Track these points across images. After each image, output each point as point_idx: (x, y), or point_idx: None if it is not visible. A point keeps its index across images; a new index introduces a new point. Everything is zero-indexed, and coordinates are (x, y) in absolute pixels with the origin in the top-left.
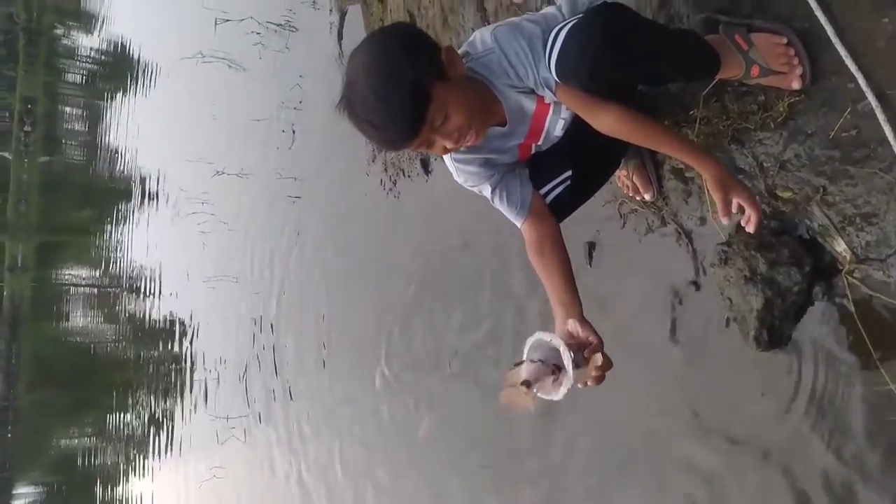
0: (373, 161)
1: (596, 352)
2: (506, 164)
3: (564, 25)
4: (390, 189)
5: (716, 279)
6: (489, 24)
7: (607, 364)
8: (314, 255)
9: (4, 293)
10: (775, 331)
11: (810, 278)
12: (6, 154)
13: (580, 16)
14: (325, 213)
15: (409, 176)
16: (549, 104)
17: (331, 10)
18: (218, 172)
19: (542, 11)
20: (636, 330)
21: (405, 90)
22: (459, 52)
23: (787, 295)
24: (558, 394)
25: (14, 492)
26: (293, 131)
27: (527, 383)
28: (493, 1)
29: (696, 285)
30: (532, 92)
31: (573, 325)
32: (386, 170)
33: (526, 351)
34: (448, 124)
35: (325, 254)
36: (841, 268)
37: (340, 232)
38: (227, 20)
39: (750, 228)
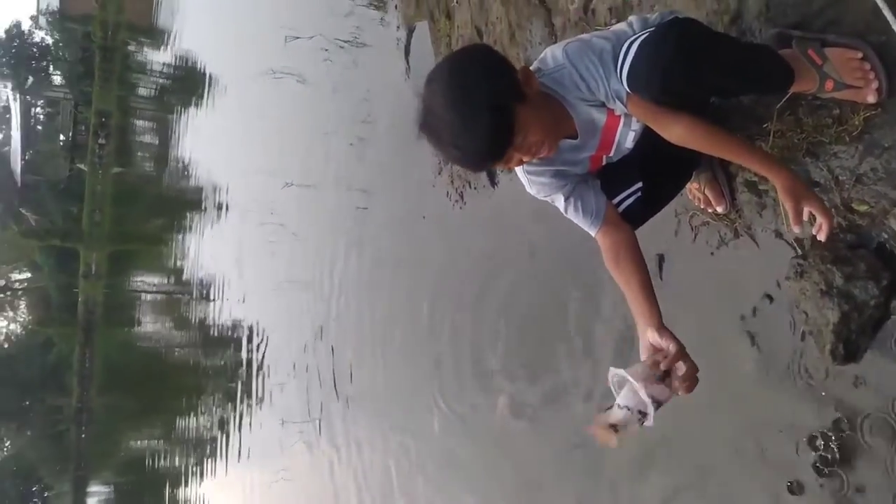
0: (439, 173)
1: (676, 361)
2: (577, 175)
3: (636, 38)
4: (456, 201)
5: (790, 293)
6: (557, 39)
7: (692, 371)
8: (379, 265)
9: (79, 299)
10: (851, 344)
11: (888, 292)
12: (82, 166)
13: (651, 29)
14: (392, 224)
15: (474, 188)
16: (620, 116)
17: (398, 27)
18: (287, 184)
19: (612, 28)
20: (709, 343)
21: (491, 116)
22: (531, 68)
23: (864, 309)
24: (649, 422)
25: (88, 489)
26: (360, 144)
27: (615, 428)
28: (562, 16)
29: (770, 298)
30: (602, 105)
31: (653, 336)
32: (452, 182)
33: (613, 388)
34: (526, 141)
35: (391, 264)
36: None
37: (407, 242)
38: (297, 38)
39: (821, 237)
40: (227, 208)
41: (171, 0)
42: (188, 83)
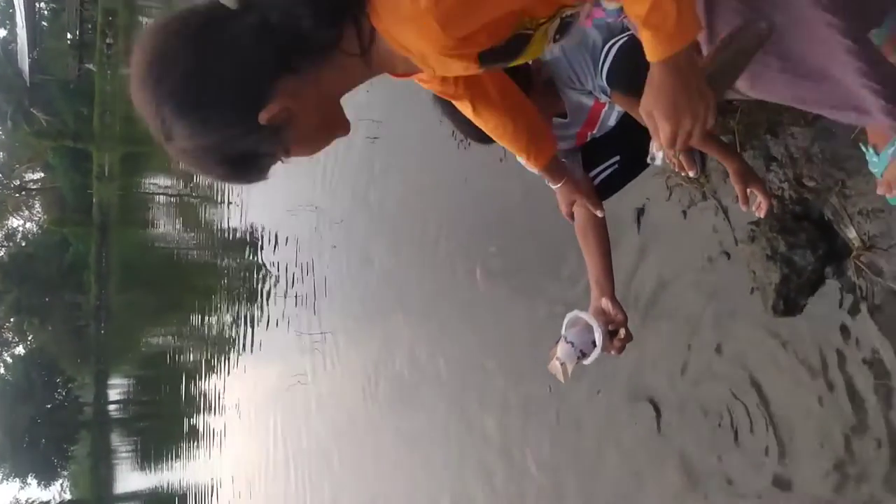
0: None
1: (621, 326)
2: (563, 150)
3: (617, 41)
4: (461, 141)
5: (743, 254)
6: None
7: (629, 338)
8: (389, 193)
9: (94, 200)
10: (790, 302)
11: (823, 261)
12: (91, 66)
13: (631, 33)
14: (401, 155)
15: None
16: (605, 102)
17: None
18: None
19: (608, 7)
20: (674, 286)
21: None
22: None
23: (802, 273)
24: (587, 361)
25: (109, 382)
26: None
27: (559, 361)
28: None
29: (728, 255)
30: (590, 93)
31: (606, 303)
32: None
33: (565, 325)
34: None
35: (398, 193)
36: (850, 253)
37: (414, 173)
38: None
39: (760, 214)
40: None
41: None
42: None
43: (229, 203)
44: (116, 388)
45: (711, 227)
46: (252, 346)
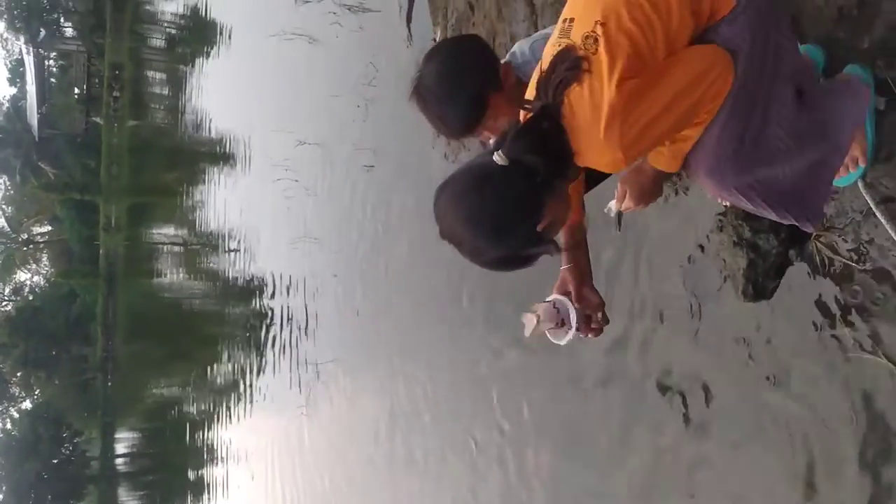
0: (437, 136)
1: (600, 310)
2: None
3: None
4: (453, 161)
5: (714, 244)
6: (537, 17)
7: (605, 321)
8: (386, 218)
9: (101, 251)
10: (759, 286)
11: (786, 244)
12: (98, 119)
13: None
14: (396, 181)
15: (468, 149)
16: None
17: None
18: (300, 142)
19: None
20: (653, 283)
21: (469, 100)
22: (504, 59)
23: (768, 257)
24: (563, 341)
25: (116, 436)
26: (366, 106)
27: (538, 317)
28: None
29: (702, 248)
30: None
31: (587, 291)
32: (449, 143)
33: (547, 299)
34: (496, 123)
35: (395, 217)
36: (811, 235)
37: (410, 197)
38: (308, 1)
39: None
40: (245, 162)
41: None
42: (200, 34)
43: (233, 250)
44: (123, 442)
45: (685, 222)
46: (256, 394)
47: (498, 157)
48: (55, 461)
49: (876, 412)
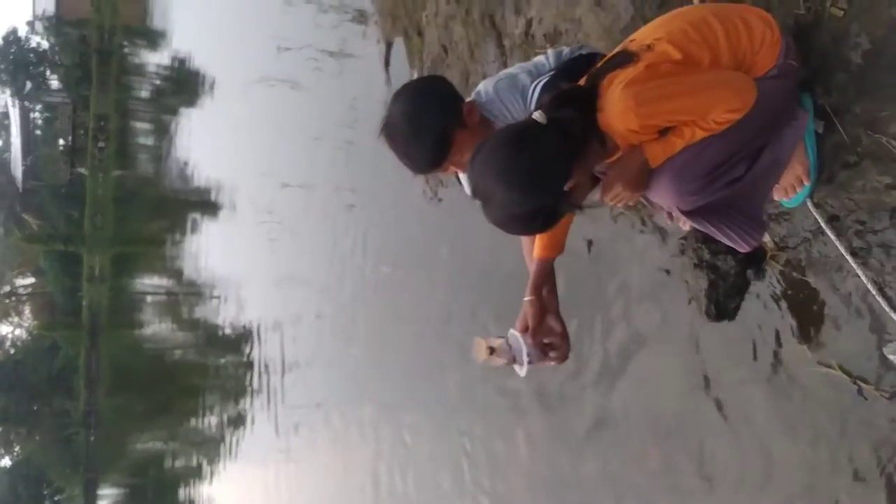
0: (415, 175)
1: (563, 339)
2: None
3: (540, 82)
4: (431, 197)
5: (677, 267)
6: (507, 57)
7: (566, 351)
8: (369, 256)
9: (84, 303)
10: (720, 305)
11: (743, 264)
12: (83, 170)
13: (553, 73)
14: (377, 218)
15: (445, 185)
16: None
17: (378, 41)
18: (284, 185)
19: (533, 60)
20: (623, 306)
21: (436, 138)
22: (469, 98)
23: (727, 277)
24: (521, 373)
25: (98, 492)
26: (347, 148)
27: (490, 350)
28: (509, 39)
29: (667, 272)
30: None
31: (552, 319)
32: (427, 181)
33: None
34: (461, 158)
35: (376, 254)
36: (766, 254)
37: (391, 233)
38: (289, 48)
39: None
40: (230, 208)
41: (165, 2)
42: (185, 85)
43: (217, 297)
44: (106, 499)
45: (650, 247)
46: (242, 444)
47: (538, 116)
48: None
49: (835, 426)
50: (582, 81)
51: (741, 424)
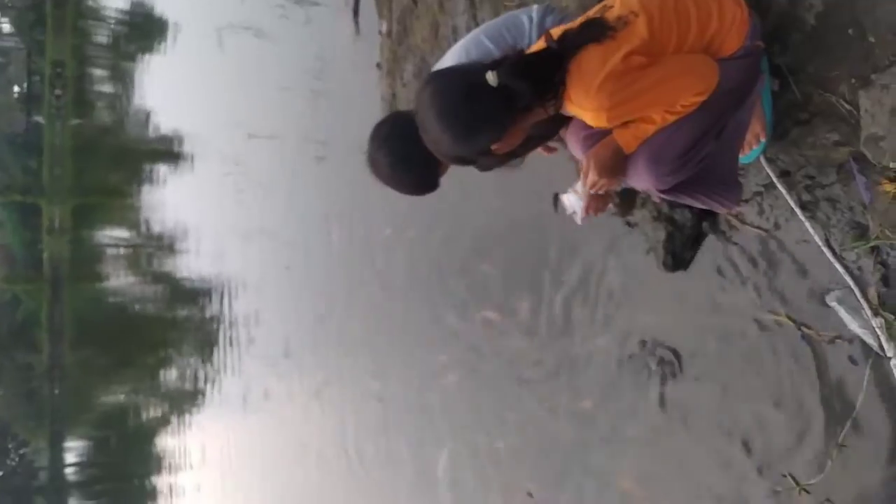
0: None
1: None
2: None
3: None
4: None
5: (638, 220)
6: (476, 8)
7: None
8: (338, 209)
9: (44, 255)
10: (678, 257)
11: (698, 217)
12: (39, 118)
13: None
14: (346, 171)
15: None
16: None
17: None
18: (251, 136)
19: (512, 19)
20: (593, 258)
21: (421, 175)
22: (435, 67)
23: (684, 229)
24: (578, 218)
25: (65, 444)
26: (314, 98)
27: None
28: None
29: (630, 224)
30: None
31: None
32: None
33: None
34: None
35: (345, 207)
36: None
37: (360, 187)
38: None
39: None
40: (192, 159)
41: None
42: (145, 30)
43: (183, 250)
44: (73, 451)
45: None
46: (209, 396)
47: (491, 77)
48: (0, 474)
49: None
50: (546, 43)
51: (694, 368)
